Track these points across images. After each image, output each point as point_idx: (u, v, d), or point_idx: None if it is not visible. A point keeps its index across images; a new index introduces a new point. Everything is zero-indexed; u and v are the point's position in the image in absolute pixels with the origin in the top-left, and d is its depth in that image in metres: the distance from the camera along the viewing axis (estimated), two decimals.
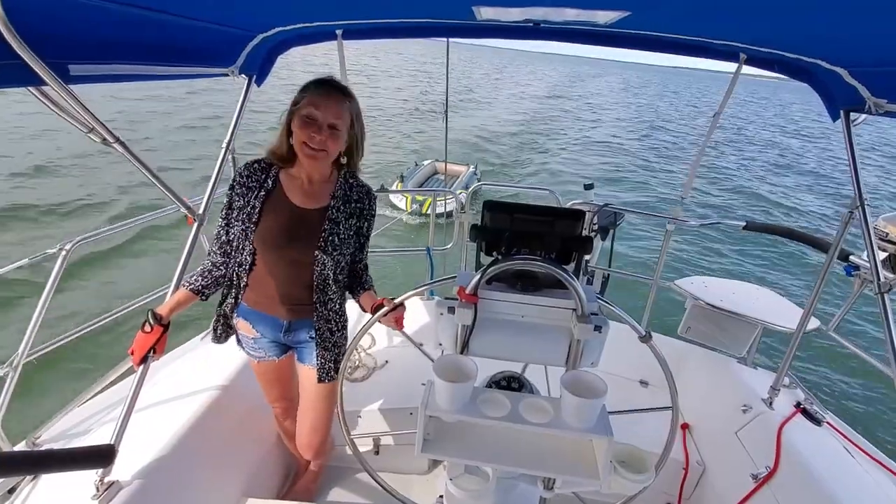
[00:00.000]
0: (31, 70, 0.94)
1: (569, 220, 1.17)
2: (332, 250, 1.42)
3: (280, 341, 1.60)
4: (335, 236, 1.43)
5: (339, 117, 1.32)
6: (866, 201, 1.55)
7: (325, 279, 1.45)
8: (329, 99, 1.31)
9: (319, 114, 1.29)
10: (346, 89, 1.37)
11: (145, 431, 1.56)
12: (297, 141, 1.33)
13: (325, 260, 1.42)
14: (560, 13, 1.29)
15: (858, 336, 5.85)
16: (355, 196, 1.48)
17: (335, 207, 1.44)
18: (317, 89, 1.32)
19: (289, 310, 1.51)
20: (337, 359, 1.57)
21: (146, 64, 1.31)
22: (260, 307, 1.52)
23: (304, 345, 1.59)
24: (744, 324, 2.22)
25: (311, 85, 1.34)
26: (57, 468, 1.08)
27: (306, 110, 1.29)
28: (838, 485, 1.56)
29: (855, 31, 1.08)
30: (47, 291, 1.58)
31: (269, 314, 1.52)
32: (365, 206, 1.50)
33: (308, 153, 1.32)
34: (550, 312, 1.16)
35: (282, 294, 1.48)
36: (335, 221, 1.43)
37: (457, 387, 1.04)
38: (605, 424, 1.04)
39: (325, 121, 1.30)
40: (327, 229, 1.42)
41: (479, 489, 1.24)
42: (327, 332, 1.52)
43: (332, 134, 1.32)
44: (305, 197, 1.43)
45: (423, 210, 9.28)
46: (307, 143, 1.31)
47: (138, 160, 1.36)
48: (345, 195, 1.46)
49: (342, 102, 1.33)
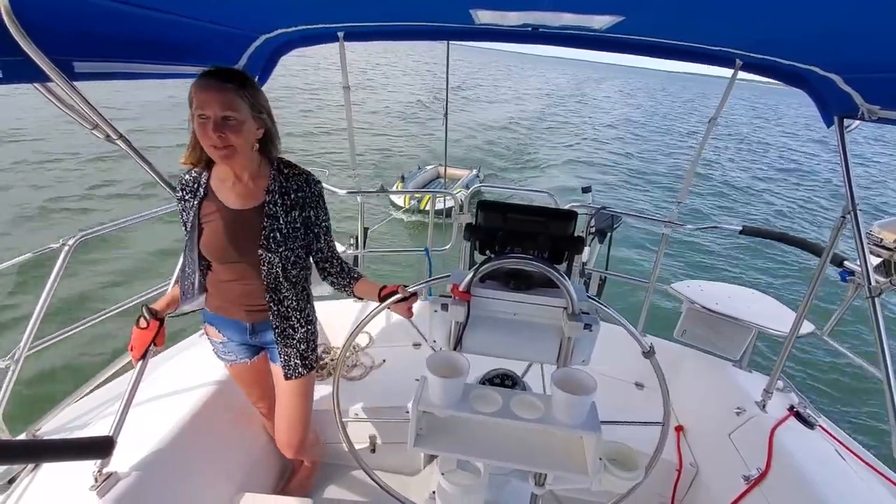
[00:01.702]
0: (38, 67, 0.96)
1: (561, 221, 1.18)
2: (275, 247, 1.37)
3: (248, 343, 1.59)
4: (276, 232, 1.37)
5: (229, 108, 1.19)
6: (858, 206, 1.57)
7: (275, 277, 1.41)
8: (210, 91, 1.18)
9: (209, 111, 1.18)
10: (232, 74, 1.22)
11: (143, 425, 1.58)
12: (203, 146, 1.24)
13: (270, 258, 1.37)
14: (556, 18, 1.31)
15: (856, 340, 5.85)
16: (293, 186, 1.39)
17: (271, 202, 1.36)
18: (198, 85, 1.19)
19: (248, 312, 1.49)
20: (303, 354, 1.55)
21: (149, 62, 1.33)
22: (222, 312, 1.51)
23: (272, 345, 1.55)
24: (739, 327, 2.24)
25: (194, 81, 1.21)
26: (57, 458, 1.09)
27: (197, 111, 1.19)
28: (829, 487, 1.57)
29: (849, 38, 1.10)
30: (49, 285, 1.59)
31: (232, 318, 1.51)
32: (307, 194, 1.40)
33: (216, 154, 1.24)
34: (542, 310, 1.17)
35: (238, 298, 1.46)
36: (274, 217, 1.36)
37: (449, 382, 1.06)
38: (594, 421, 1.06)
39: (216, 115, 1.18)
40: (267, 226, 1.35)
41: (471, 484, 1.26)
42: (289, 328, 1.50)
43: (229, 126, 1.20)
44: (239, 197, 1.37)
45: (422, 206, 9.38)
46: (209, 145, 1.22)
47: (140, 156, 1.39)
48: (281, 187, 1.38)
49: (227, 91, 1.19)
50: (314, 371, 1.62)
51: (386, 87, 33.33)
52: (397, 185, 10.42)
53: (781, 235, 2.49)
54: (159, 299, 1.50)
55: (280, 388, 1.62)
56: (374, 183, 10.19)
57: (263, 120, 1.31)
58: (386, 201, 10.03)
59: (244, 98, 1.22)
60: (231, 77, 1.22)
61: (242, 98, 1.22)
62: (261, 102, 1.29)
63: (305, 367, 1.57)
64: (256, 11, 1.48)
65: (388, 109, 23.34)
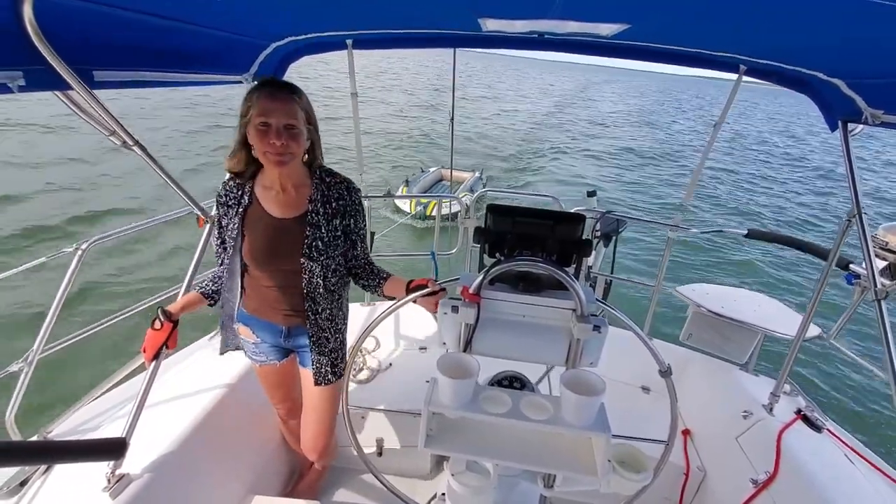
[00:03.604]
0: (59, 75, 0.99)
1: (569, 224, 1.20)
2: (317, 255, 1.40)
3: (281, 346, 1.62)
4: (318, 241, 1.40)
5: (292, 116, 1.26)
6: (863, 210, 1.57)
7: (314, 287, 1.44)
8: (277, 101, 1.25)
9: (272, 119, 1.24)
10: (291, 86, 1.31)
11: (155, 427, 1.60)
12: (259, 152, 1.29)
13: (311, 267, 1.41)
14: (563, 26, 1.33)
15: (863, 344, 5.82)
16: (335, 195, 1.43)
17: (314, 211, 1.40)
18: (262, 94, 1.25)
19: (285, 316, 1.52)
20: (334, 362, 1.58)
21: (165, 70, 1.36)
22: (258, 314, 1.54)
23: (304, 349, 1.59)
24: (745, 331, 2.24)
25: (254, 91, 1.27)
26: (71, 459, 1.11)
27: (258, 119, 1.24)
28: (837, 491, 1.57)
29: (852, 44, 1.11)
30: (62, 289, 1.62)
31: (268, 321, 1.54)
32: (347, 202, 1.44)
33: (273, 160, 1.28)
34: (551, 312, 1.19)
35: (277, 302, 1.50)
36: (316, 226, 1.40)
37: (459, 383, 1.07)
38: (603, 422, 1.07)
39: (280, 124, 1.25)
40: (310, 235, 1.39)
41: (481, 485, 1.27)
42: (323, 338, 1.53)
43: (290, 135, 1.27)
44: (283, 207, 1.40)
45: (428, 212, 9.35)
46: (270, 152, 1.27)
47: (155, 162, 1.42)
48: (323, 196, 1.42)
49: (291, 100, 1.27)
50: (342, 378, 1.63)
51: (395, 87, 33.32)
52: (402, 189, 10.43)
53: (787, 239, 2.50)
54: (174, 302, 1.52)
55: (309, 393, 1.64)
56: (381, 189, 10.22)
57: (311, 131, 1.37)
58: (389, 208, 9.98)
59: (302, 109, 1.30)
60: (293, 89, 1.30)
61: (301, 109, 1.30)
62: (311, 114, 1.36)
63: (335, 375, 1.60)
64: (267, 20, 1.51)
65: (393, 113, 23.43)
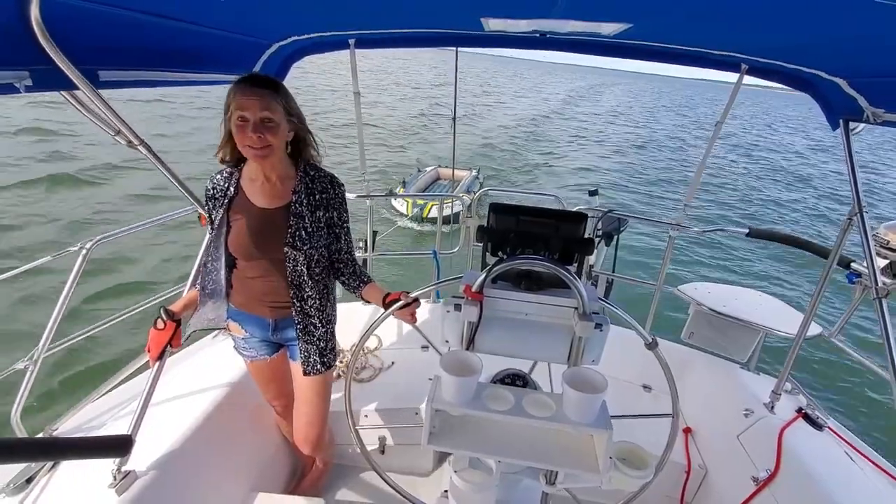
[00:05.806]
0: (65, 75, 1.00)
1: (571, 223, 1.21)
2: (300, 245, 1.43)
3: (270, 340, 1.64)
4: (302, 231, 1.43)
5: (268, 109, 1.29)
6: (864, 208, 1.58)
7: (299, 275, 1.47)
8: (252, 95, 1.28)
9: (249, 113, 1.27)
10: (268, 80, 1.34)
11: (160, 425, 1.61)
12: (240, 146, 1.34)
13: (295, 256, 1.43)
14: (565, 25, 1.33)
15: (863, 342, 5.82)
16: (318, 187, 1.47)
17: (298, 202, 1.43)
18: (239, 90, 1.29)
19: (271, 308, 1.54)
20: (322, 352, 1.59)
21: (169, 70, 1.37)
22: (245, 308, 1.56)
23: (293, 342, 1.60)
24: (746, 329, 2.24)
25: (233, 87, 1.31)
26: (77, 455, 1.12)
27: (236, 114, 1.29)
28: (838, 488, 1.58)
29: (853, 42, 1.11)
30: (68, 288, 1.62)
31: (255, 314, 1.57)
32: (331, 195, 1.48)
33: (253, 154, 1.32)
34: (553, 311, 1.19)
35: (263, 294, 1.52)
36: (300, 216, 1.43)
37: (462, 381, 1.08)
38: (605, 419, 1.08)
39: (256, 118, 1.28)
40: (293, 224, 1.42)
41: (483, 482, 1.28)
42: (311, 325, 1.54)
43: (267, 128, 1.30)
44: (268, 197, 1.44)
45: (424, 214, 9.28)
46: (249, 146, 1.31)
47: (160, 161, 1.43)
48: (307, 188, 1.46)
49: (267, 95, 1.30)
50: (332, 370, 1.66)
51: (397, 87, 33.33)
52: (399, 189, 10.40)
53: (788, 237, 2.50)
54: (176, 301, 1.53)
55: (299, 385, 1.66)
56: (382, 189, 10.23)
57: (294, 123, 1.40)
58: (390, 209, 9.92)
59: (279, 102, 1.32)
60: (268, 83, 1.32)
61: (278, 102, 1.32)
62: (293, 107, 1.39)
63: (324, 365, 1.61)
64: (271, 20, 1.52)
65: (396, 115, 23.44)
